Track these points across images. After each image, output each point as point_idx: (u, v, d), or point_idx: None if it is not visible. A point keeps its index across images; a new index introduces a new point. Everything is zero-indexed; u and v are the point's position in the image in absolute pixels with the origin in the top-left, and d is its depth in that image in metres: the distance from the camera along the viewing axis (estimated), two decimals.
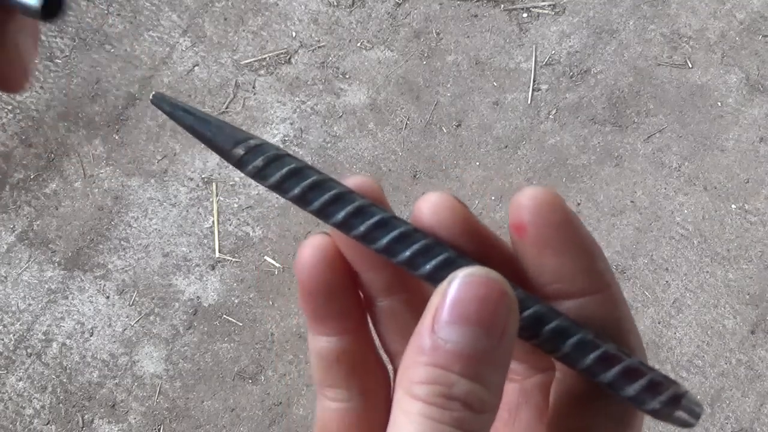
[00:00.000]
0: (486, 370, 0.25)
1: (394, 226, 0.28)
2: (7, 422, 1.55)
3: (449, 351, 0.25)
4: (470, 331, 0.25)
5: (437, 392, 0.25)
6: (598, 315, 0.28)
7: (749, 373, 1.49)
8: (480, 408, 0.25)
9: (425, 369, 0.25)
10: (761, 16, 1.79)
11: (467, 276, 0.26)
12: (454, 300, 0.25)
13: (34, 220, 1.71)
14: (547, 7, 1.85)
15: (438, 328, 0.25)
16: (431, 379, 0.25)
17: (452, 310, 0.25)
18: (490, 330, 0.25)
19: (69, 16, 1.89)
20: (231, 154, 0.28)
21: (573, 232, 0.27)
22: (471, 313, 0.25)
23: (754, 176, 1.64)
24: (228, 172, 1.73)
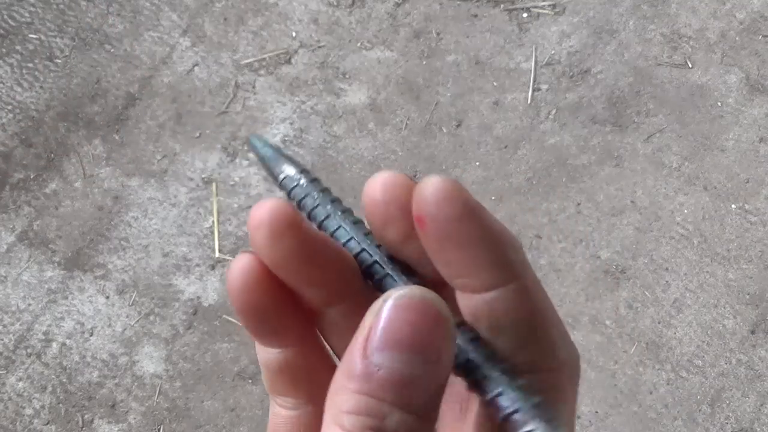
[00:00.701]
0: (421, 398, 0.24)
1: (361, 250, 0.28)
2: (7, 422, 1.55)
3: (381, 378, 0.23)
4: (404, 357, 0.23)
5: (367, 425, 0.23)
6: (510, 308, 0.26)
7: (749, 373, 1.49)
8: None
9: (355, 397, 0.24)
10: (761, 16, 1.79)
11: (400, 297, 0.24)
12: (386, 323, 0.24)
13: (34, 220, 1.71)
14: (547, 7, 1.85)
15: (370, 353, 0.24)
16: (361, 409, 0.23)
17: (385, 334, 0.24)
18: (425, 356, 0.24)
19: (69, 16, 1.90)
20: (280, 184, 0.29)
21: (475, 223, 0.26)
22: (404, 338, 0.23)
23: (754, 176, 1.64)
24: (228, 172, 1.73)
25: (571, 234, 1.62)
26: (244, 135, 1.76)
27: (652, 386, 1.49)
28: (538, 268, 1.59)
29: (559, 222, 1.63)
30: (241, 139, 1.76)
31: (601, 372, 1.51)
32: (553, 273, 1.59)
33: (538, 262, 1.60)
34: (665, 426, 1.47)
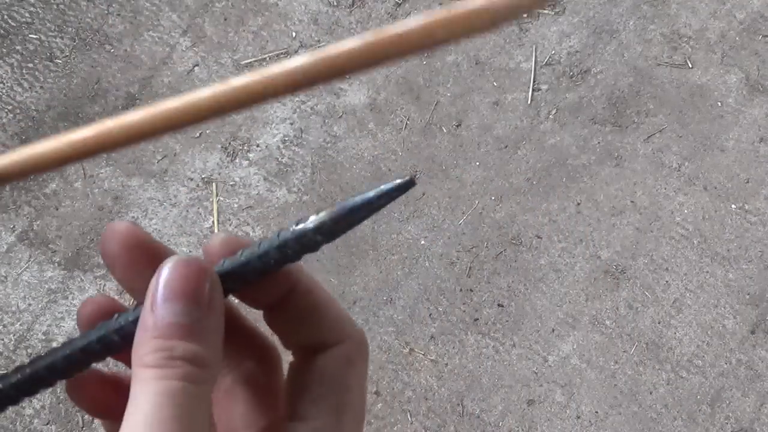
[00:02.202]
0: (201, 333, 0.30)
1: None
2: (7, 422, 1.55)
3: (167, 324, 0.29)
4: (181, 305, 0.30)
5: (163, 356, 0.29)
6: (289, 302, 0.33)
7: (749, 373, 1.49)
8: (201, 363, 0.29)
9: (151, 342, 0.29)
10: (761, 16, 1.79)
11: (172, 261, 0.30)
12: (164, 282, 0.30)
13: (34, 220, 1.71)
14: (547, 7, 1.85)
15: (155, 308, 0.30)
16: (156, 348, 0.29)
17: (164, 290, 0.30)
18: (197, 301, 0.30)
19: (69, 16, 1.90)
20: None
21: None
22: (178, 289, 0.30)
23: (754, 176, 1.64)
24: (228, 172, 1.73)
25: (571, 234, 1.62)
26: (244, 135, 1.76)
27: (652, 386, 1.49)
28: (538, 267, 1.60)
29: (559, 222, 1.63)
30: (241, 139, 1.76)
31: (601, 372, 1.51)
32: (553, 273, 1.59)
33: (538, 262, 1.60)
34: (665, 426, 1.47)
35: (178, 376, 0.29)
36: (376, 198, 0.30)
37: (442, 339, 1.55)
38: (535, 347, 1.53)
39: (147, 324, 0.30)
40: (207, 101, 0.30)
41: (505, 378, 1.52)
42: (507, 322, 1.56)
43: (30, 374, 0.33)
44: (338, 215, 0.30)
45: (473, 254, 1.61)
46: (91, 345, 0.32)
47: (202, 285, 0.30)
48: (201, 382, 0.29)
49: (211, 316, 0.30)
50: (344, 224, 0.30)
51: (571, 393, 1.50)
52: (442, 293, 1.58)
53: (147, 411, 0.28)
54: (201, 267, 0.30)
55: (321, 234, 0.30)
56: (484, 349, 1.54)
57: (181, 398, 0.29)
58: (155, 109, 0.29)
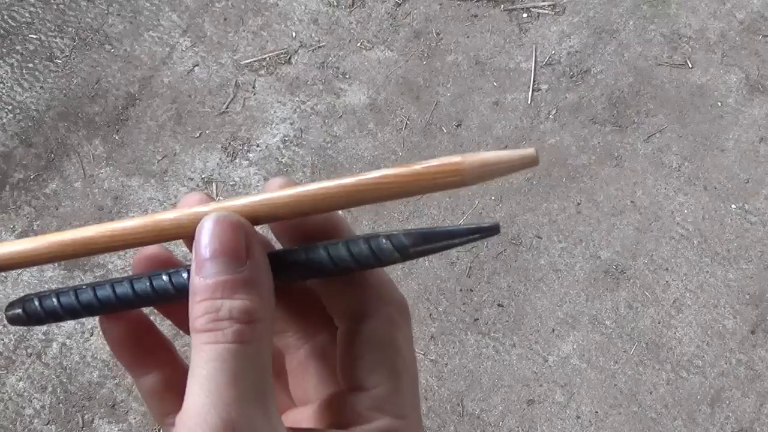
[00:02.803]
0: (244, 286, 0.30)
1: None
2: (7, 422, 1.55)
3: (211, 284, 0.30)
4: (221, 262, 0.30)
5: (210, 318, 0.29)
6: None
7: (749, 373, 1.49)
8: (248, 318, 0.29)
9: (198, 305, 0.30)
10: (761, 16, 1.79)
11: (205, 222, 0.30)
12: (201, 244, 0.30)
13: (34, 220, 1.71)
14: (547, 7, 1.85)
15: (198, 271, 0.30)
16: (204, 310, 0.29)
17: (202, 251, 0.30)
18: (236, 255, 0.30)
19: (69, 15, 1.90)
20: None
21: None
22: (216, 248, 0.30)
23: (754, 176, 1.64)
24: (228, 172, 1.73)
25: (571, 234, 1.62)
26: (244, 135, 1.76)
27: (652, 386, 1.49)
28: (538, 267, 1.60)
29: (559, 222, 1.63)
30: (241, 139, 1.76)
31: (601, 372, 1.51)
32: (553, 273, 1.59)
33: (538, 261, 1.60)
34: (665, 426, 1.47)
35: (228, 337, 0.29)
36: (463, 231, 0.31)
37: (442, 339, 1.55)
38: (535, 347, 1.53)
39: (194, 288, 0.30)
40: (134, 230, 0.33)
41: (505, 378, 1.52)
42: (507, 322, 1.56)
43: (82, 300, 0.33)
44: (423, 237, 0.31)
45: (473, 254, 1.61)
46: (145, 287, 0.33)
47: (237, 239, 0.30)
48: (252, 341, 0.29)
49: (253, 268, 0.30)
50: (425, 249, 0.31)
51: (571, 393, 1.50)
52: (442, 293, 1.58)
53: (202, 382, 0.28)
54: (233, 222, 0.30)
55: (400, 254, 0.31)
56: (484, 349, 1.54)
57: (233, 362, 0.29)
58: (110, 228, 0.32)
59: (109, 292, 0.33)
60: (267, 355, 0.30)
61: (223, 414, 0.28)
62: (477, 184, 0.29)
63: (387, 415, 0.32)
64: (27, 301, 0.34)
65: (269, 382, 0.30)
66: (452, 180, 0.29)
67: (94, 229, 0.33)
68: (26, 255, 0.33)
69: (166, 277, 0.33)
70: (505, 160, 0.29)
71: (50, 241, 0.33)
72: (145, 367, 0.35)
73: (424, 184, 0.30)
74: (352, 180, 0.30)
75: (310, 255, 0.32)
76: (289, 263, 0.32)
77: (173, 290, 0.33)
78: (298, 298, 0.36)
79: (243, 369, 0.29)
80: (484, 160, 0.29)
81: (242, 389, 0.28)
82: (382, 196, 0.30)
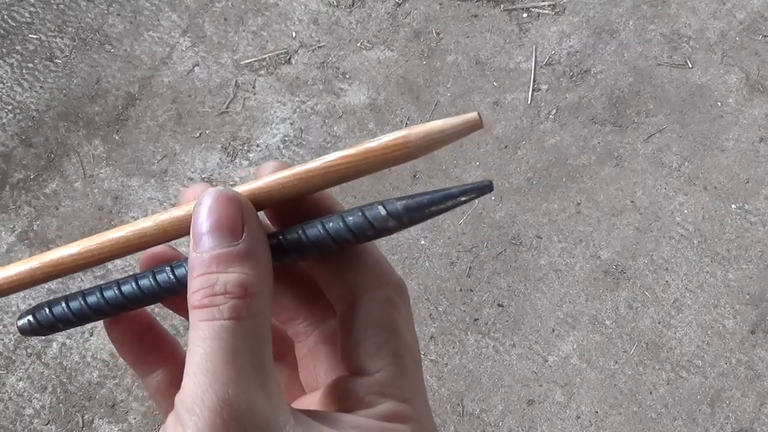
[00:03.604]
0: (239, 260, 0.29)
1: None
2: (7, 422, 1.55)
3: (206, 258, 0.30)
4: (216, 236, 0.30)
5: (205, 293, 0.29)
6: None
7: (749, 373, 1.49)
8: (244, 292, 0.29)
9: (194, 281, 0.30)
10: (761, 16, 1.79)
11: (203, 198, 0.30)
12: (198, 220, 0.30)
13: (34, 220, 1.71)
14: (547, 7, 1.85)
15: (195, 245, 0.30)
16: (200, 285, 0.29)
17: (198, 226, 0.30)
18: (231, 229, 0.30)
19: (68, 15, 1.90)
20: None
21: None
22: (212, 222, 0.30)
23: (754, 176, 1.64)
24: (228, 172, 1.73)
25: (571, 234, 1.62)
26: (244, 135, 1.76)
27: (652, 386, 1.49)
28: (538, 268, 1.60)
29: (559, 222, 1.63)
30: (241, 139, 1.76)
31: (601, 372, 1.51)
32: (553, 273, 1.59)
33: (538, 261, 1.60)
34: (665, 426, 1.47)
35: (223, 314, 0.29)
36: (456, 193, 0.31)
37: (442, 339, 1.55)
38: (535, 347, 1.53)
39: (192, 264, 0.30)
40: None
41: (505, 378, 1.52)
42: (507, 322, 1.56)
43: (90, 303, 0.34)
44: (417, 204, 0.30)
45: (473, 254, 1.61)
46: (149, 284, 0.33)
47: (233, 213, 0.30)
48: (249, 316, 0.29)
49: (249, 241, 0.30)
50: (421, 214, 0.31)
51: (571, 393, 1.50)
52: (442, 293, 1.58)
53: (199, 361, 0.28)
54: (229, 196, 0.30)
55: (397, 220, 0.31)
56: (484, 349, 1.54)
57: (229, 340, 0.28)
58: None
59: (116, 292, 0.33)
60: (265, 330, 0.30)
61: (220, 393, 0.28)
62: (426, 154, 0.30)
63: (390, 399, 0.31)
64: (37, 310, 0.34)
65: (269, 358, 0.30)
66: (401, 153, 0.30)
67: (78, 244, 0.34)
68: (27, 275, 0.33)
69: (169, 270, 0.33)
70: (449, 127, 0.30)
71: (54, 258, 0.33)
72: (150, 366, 0.35)
73: (374, 162, 0.30)
74: (303, 168, 0.31)
75: (306, 231, 0.32)
76: (287, 242, 0.32)
77: (177, 283, 0.32)
78: (305, 285, 0.36)
79: (240, 346, 0.28)
80: (428, 130, 0.30)
81: (240, 367, 0.28)
82: (336, 178, 0.31)
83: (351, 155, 0.31)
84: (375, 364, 0.32)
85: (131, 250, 0.33)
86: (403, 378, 0.32)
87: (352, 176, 0.31)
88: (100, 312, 0.34)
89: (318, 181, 0.31)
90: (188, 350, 0.29)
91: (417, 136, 0.30)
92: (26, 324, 0.35)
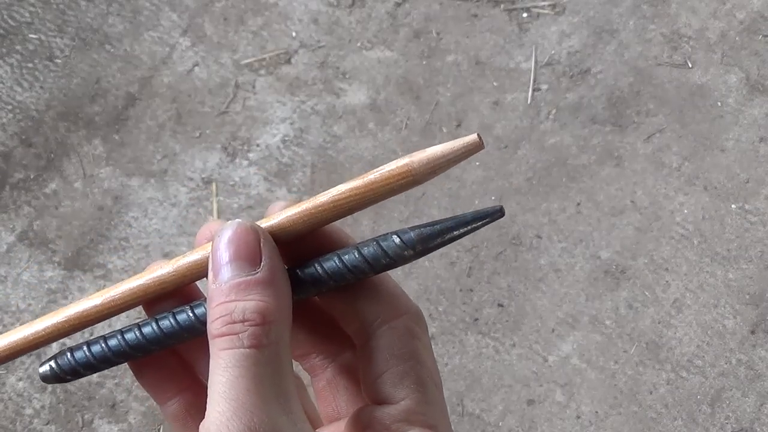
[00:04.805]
0: (257, 288, 0.30)
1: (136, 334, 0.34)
2: (7, 422, 1.55)
3: (225, 288, 0.30)
4: (235, 266, 0.30)
5: (224, 321, 0.29)
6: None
7: (749, 373, 1.49)
8: (262, 319, 0.29)
9: (213, 310, 0.30)
10: (761, 16, 1.79)
11: (221, 231, 0.31)
12: (217, 253, 0.31)
13: (34, 220, 1.71)
14: (547, 7, 1.85)
15: (214, 277, 0.31)
16: (218, 314, 0.30)
17: (218, 259, 0.31)
18: (250, 258, 0.30)
19: (68, 15, 1.90)
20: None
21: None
22: (231, 253, 0.30)
23: (754, 176, 1.64)
24: (228, 172, 1.73)
25: (571, 234, 1.62)
26: (244, 135, 1.76)
27: (652, 386, 1.49)
28: (538, 268, 1.60)
29: (559, 222, 1.63)
30: (241, 139, 1.76)
31: (601, 372, 1.51)
32: (553, 273, 1.59)
33: (538, 261, 1.60)
34: (665, 426, 1.47)
35: (243, 342, 0.29)
36: (469, 220, 0.31)
37: (442, 339, 1.55)
38: (535, 347, 1.53)
39: (211, 294, 0.30)
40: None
41: (505, 378, 1.51)
42: (507, 322, 1.56)
43: (112, 347, 0.34)
44: (431, 232, 0.31)
45: (473, 254, 1.61)
46: (170, 324, 0.33)
47: (251, 243, 0.30)
48: (268, 344, 0.29)
49: (266, 269, 0.30)
50: (436, 243, 0.31)
51: (571, 393, 1.50)
52: (442, 293, 1.58)
53: (222, 390, 0.28)
54: (247, 227, 0.31)
55: (412, 249, 0.31)
56: (484, 349, 1.54)
57: (251, 368, 0.28)
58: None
59: (137, 334, 0.33)
60: (286, 357, 0.30)
61: (246, 420, 0.28)
62: (430, 179, 0.31)
63: (417, 426, 0.32)
64: (59, 356, 0.35)
65: (291, 384, 0.30)
66: (406, 181, 0.30)
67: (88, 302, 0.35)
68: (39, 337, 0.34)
69: (189, 309, 0.33)
70: (450, 151, 0.30)
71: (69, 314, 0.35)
72: (167, 393, 0.36)
73: (380, 191, 0.31)
74: (311, 204, 0.31)
75: (324, 264, 0.32)
76: (305, 276, 0.32)
77: (197, 321, 0.33)
78: (318, 320, 0.36)
79: (262, 374, 0.29)
80: (431, 157, 0.30)
81: (263, 394, 0.28)
82: (342, 211, 0.31)
83: (357, 187, 0.31)
84: (399, 392, 0.32)
85: (152, 296, 0.34)
86: (429, 405, 0.32)
87: (360, 207, 0.31)
88: (122, 355, 0.34)
89: (327, 215, 0.32)
90: (210, 379, 0.29)
91: (420, 163, 0.30)
92: (48, 371, 0.35)
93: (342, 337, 0.35)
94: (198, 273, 0.33)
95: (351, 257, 0.31)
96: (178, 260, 0.33)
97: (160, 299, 0.34)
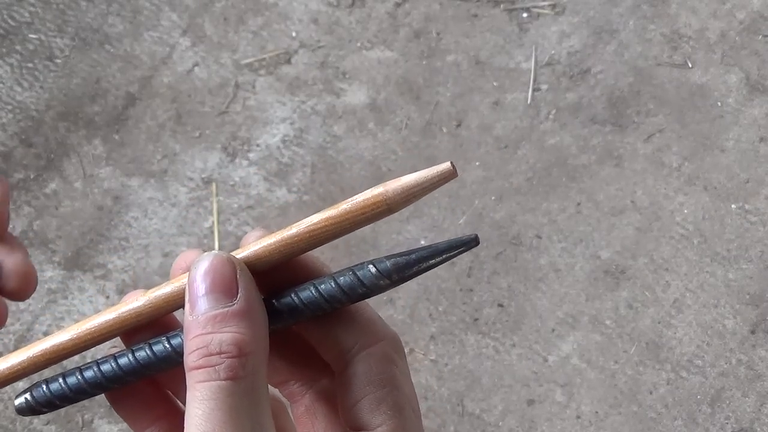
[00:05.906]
0: (233, 319, 0.30)
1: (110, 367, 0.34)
2: (7, 422, 1.55)
3: (202, 320, 0.30)
4: (212, 298, 0.30)
5: (200, 353, 0.29)
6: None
7: (749, 373, 1.49)
8: (239, 351, 0.29)
9: (190, 342, 0.30)
10: (761, 16, 1.79)
11: (197, 262, 0.31)
12: (193, 285, 0.31)
13: (34, 220, 1.71)
14: (547, 7, 1.85)
15: (191, 309, 0.31)
16: (195, 346, 0.30)
17: (195, 291, 0.31)
18: (226, 290, 0.30)
19: (68, 15, 1.90)
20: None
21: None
22: (208, 285, 0.30)
23: (754, 176, 1.64)
24: (228, 172, 1.73)
25: (571, 234, 1.62)
26: (244, 135, 1.76)
27: (652, 386, 1.49)
28: (538, 268, 1.60)
29: (559, 222, 1.63)
30: (241, 139, 1.76)
31: (601, 372, 1.51)
32: (553, 273, 1.59)
33: (538, 261, 1.60)
34: (665, 426, 1.47)
35: (220, 374, 0.29)
36: (444, 249, 0.31)
37: (442, 339, 1.55)
38: (535, 347, 1.53)
39: (188, 327, 0.31)
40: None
41: (505, 378, 1.51)
42: (507, 322, 1.56)
43: (87, 378, 0.34)
44: (406, 261, 0.31)
45: (473, 254, 1.61)
46: (146, 355, 0.33)
47: (227, 274, 0.31)
48: (245, 376, 0.29)
49: (242, 301, 0.30)
50: (410, 271, 0.31)
51: (571, 393, 1.50)
52: (442, 293, 1.58)
53: (198, 422, 0.29)
54: (222, 258, 0.31)
55: (388, 279, 0.31)
56: (484, 349, 1.54)
57: (227, 400, 0.29)
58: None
59: (113, 365, 0.34)
60: (263, 389, 0.30)
61: None
62: (405, 207, 0.31)
63: None
64: (34, 388, 0.35)
65: (267, 417, 0.30)
66: (380, 210, 0.31)
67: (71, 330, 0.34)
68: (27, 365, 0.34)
69: (165, 340, 0.33)
70: (424, 179, 0.31)
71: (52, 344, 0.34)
72: (143, 423, 0.36)
73: (356, 220, 0.31)
74: (287, 233, 0.32)
75: (300, 294, 0.32)
76: (281, 306, 0.32)
77: (173, 352, 0.33)
78: (296, 347, 0.36)
79: (238, 406, 0.29)
80: (405, 186, 0.31)
81: (239, 427, 0.28)
82: (318, 241, 0.32)
83: (333, 216, 0.31)
84: (376, 419, 0.32)
85: (128, 328, 0.34)
86: (406, 431, 0.32)
87: (336, 236, 0.32)
88: (98, 386, 0.34)
89: (303, 244, 0.32)
90: (186, 411, 0.29)
91: (395, 192, 0.31)
92: (23, 403, 0.35)
93: (320, 363, 0.36)
94: (174, 305, 0.33)
95: (327, 287, 0.32)
96: (154, 291, 0.33)
97: (137, 330, 0.34)
